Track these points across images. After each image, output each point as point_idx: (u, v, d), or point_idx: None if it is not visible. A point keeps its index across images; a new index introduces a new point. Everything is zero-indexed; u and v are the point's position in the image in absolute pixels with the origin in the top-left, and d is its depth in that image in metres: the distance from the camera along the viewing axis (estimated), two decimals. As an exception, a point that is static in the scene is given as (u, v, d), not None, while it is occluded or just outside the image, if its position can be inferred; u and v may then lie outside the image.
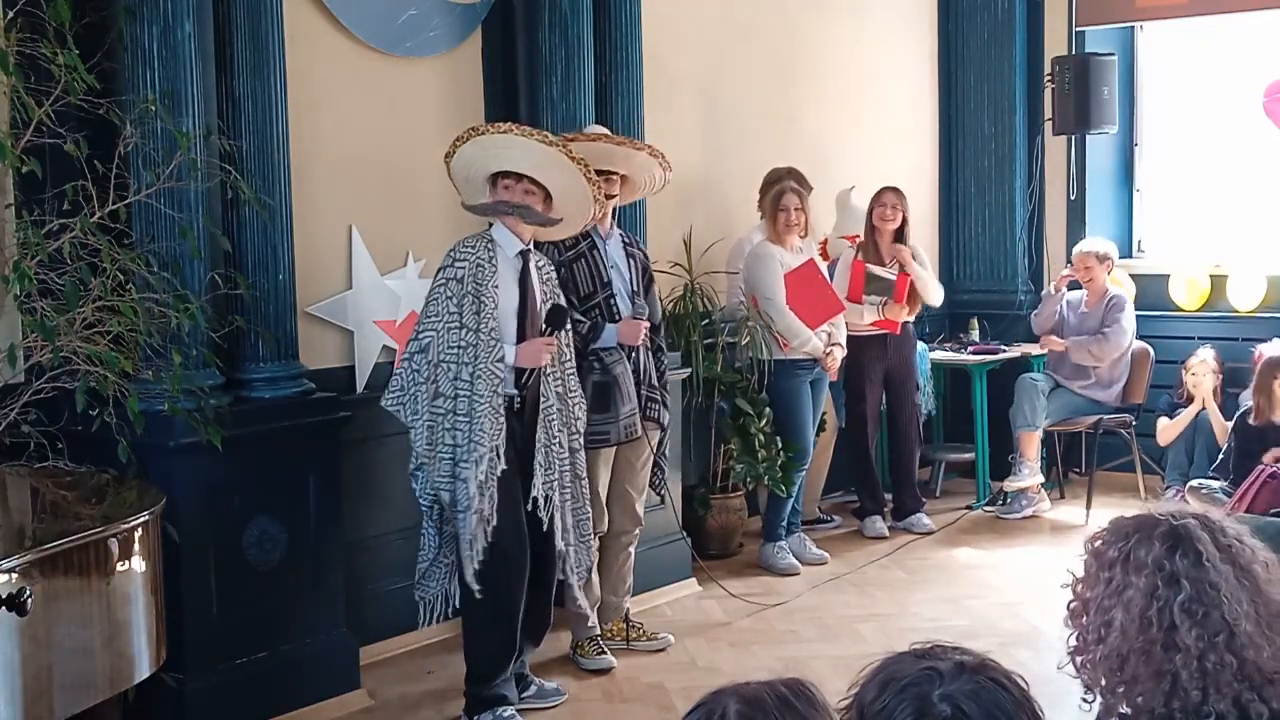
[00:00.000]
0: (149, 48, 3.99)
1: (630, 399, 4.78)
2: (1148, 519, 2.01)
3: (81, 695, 2.94)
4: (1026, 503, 6.91)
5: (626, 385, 4.77)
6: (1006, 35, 7.86)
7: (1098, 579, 1.99)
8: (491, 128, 4.31)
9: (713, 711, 1.46)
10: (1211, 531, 1.97)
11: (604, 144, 4.74)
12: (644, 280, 4.95)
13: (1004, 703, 1.50)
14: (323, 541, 4.42)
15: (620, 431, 4.77)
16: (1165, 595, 1.91)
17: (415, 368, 4.14)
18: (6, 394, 3.78)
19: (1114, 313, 6.96)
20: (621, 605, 5.05)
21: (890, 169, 7.19)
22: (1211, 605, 1.90)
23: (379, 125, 4.97)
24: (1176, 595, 1.91)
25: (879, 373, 6.63)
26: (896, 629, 5.17)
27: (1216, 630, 1.89)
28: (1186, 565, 1.92)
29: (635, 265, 4.92)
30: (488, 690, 4.27)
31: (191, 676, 4.04)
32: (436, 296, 4.16)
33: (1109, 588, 1.96)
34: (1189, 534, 1.95)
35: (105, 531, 3.04)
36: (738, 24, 6.59)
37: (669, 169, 4.92)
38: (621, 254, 4.88)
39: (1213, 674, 1.88)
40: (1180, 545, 1.94)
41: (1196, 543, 1.94)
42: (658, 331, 5.01)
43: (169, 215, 4.00)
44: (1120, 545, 1.99)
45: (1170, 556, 1.94)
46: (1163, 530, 1.97)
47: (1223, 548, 1.95)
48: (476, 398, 4.09)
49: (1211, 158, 7.75)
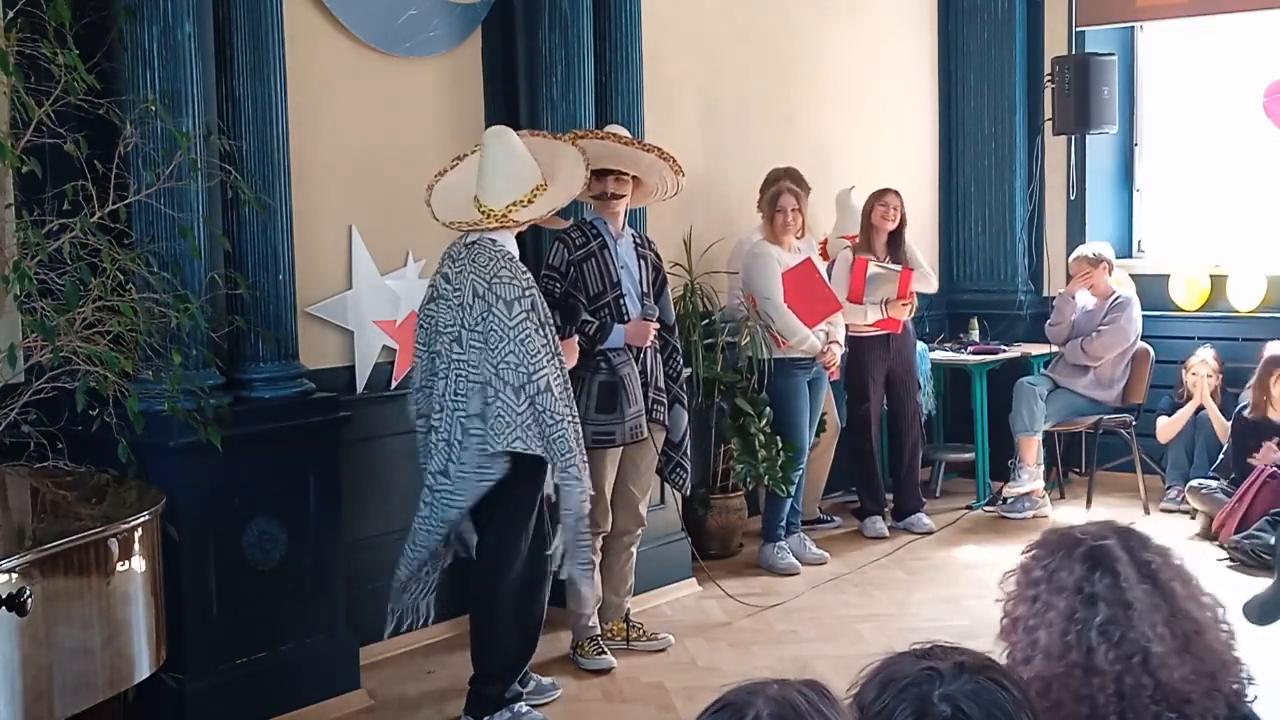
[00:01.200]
0: (149, 48, 3.99)
1: (637, 400, 4.78)
2: (1071, 537, 2.00)
3: (81, 695, 2.93)
4: (1029, 504, 6.91)
5: (633, 386, 4.77)
6: (1006, 35, 7.86)
7: (1024, 596, 1.99)
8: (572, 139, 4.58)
9: (742, 712, 1.44)
10: (1131, 550, 1.97)
11: (611, 143, 4.74)
12: (656, 281, 4.95)
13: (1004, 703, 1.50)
14: (323, 541, 4.42)
15: (626, 432, 4.77)
16: (1083, 618, 1.91)
17: (545, 407, 4.05)
18: (6, 394, 3.78)
19: (1114, 312, 6.95)
20: (622, 605, 5.05)
21: (890, 169, 7.20)
22: (1127, 627, 1.90)
23: (379, 125, 4.96)
24: (1094, 617, 1.91)
25: (881, 373, 6.64)
26: (896, 629, 5.17)
27: (1132, 652, 1.89)
28: (1104, 587, 1.92)
29: (647, 266, 4.91)
30: (499, 690, 4.28)
31: (191, 676, 4.03)
32: (527, 332, 4.05)
33: (1034, 607, 1.96)
34: (1107, 554, 1.95)
35: (105, 531, 3.04)
36: (738, 24, 6.59)
37: (681, 173, 4.90)
38: (633, 255, 4.88)
39: (1130, 696, 1.88)
40: (1099, 566, 1.94)
41: (1115, 563, 1.94)
42: (671, 332, 5.00)
43: (169, 215, 3.99)
44: (1046, 563, 1.98)
45: (1089, 577, 1.93)
46: (1083, 550, 1.96)
47: (1142, 565, 1.95)
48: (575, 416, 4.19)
49: (1211, 158, 7.75)
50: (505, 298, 4.05)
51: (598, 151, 4.60)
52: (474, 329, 4.07)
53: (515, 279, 4.08)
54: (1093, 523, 2.06)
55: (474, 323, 4.07)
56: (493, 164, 4.19)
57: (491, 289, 4.06)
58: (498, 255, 4.11)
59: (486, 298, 4.06)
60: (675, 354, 5.02)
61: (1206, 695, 1.90)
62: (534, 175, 4.20)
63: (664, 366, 4.96)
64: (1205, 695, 1.90)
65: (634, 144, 4.87)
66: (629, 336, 4.76)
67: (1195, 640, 1.93)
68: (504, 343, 4.03)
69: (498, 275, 4.07)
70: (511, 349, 4.03)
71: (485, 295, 4.06)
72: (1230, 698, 1.94)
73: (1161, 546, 2.01)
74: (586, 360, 4.66)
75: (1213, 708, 1.90)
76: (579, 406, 4.63)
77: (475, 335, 4.07)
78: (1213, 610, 2.00)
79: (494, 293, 4.05)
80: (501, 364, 4.04)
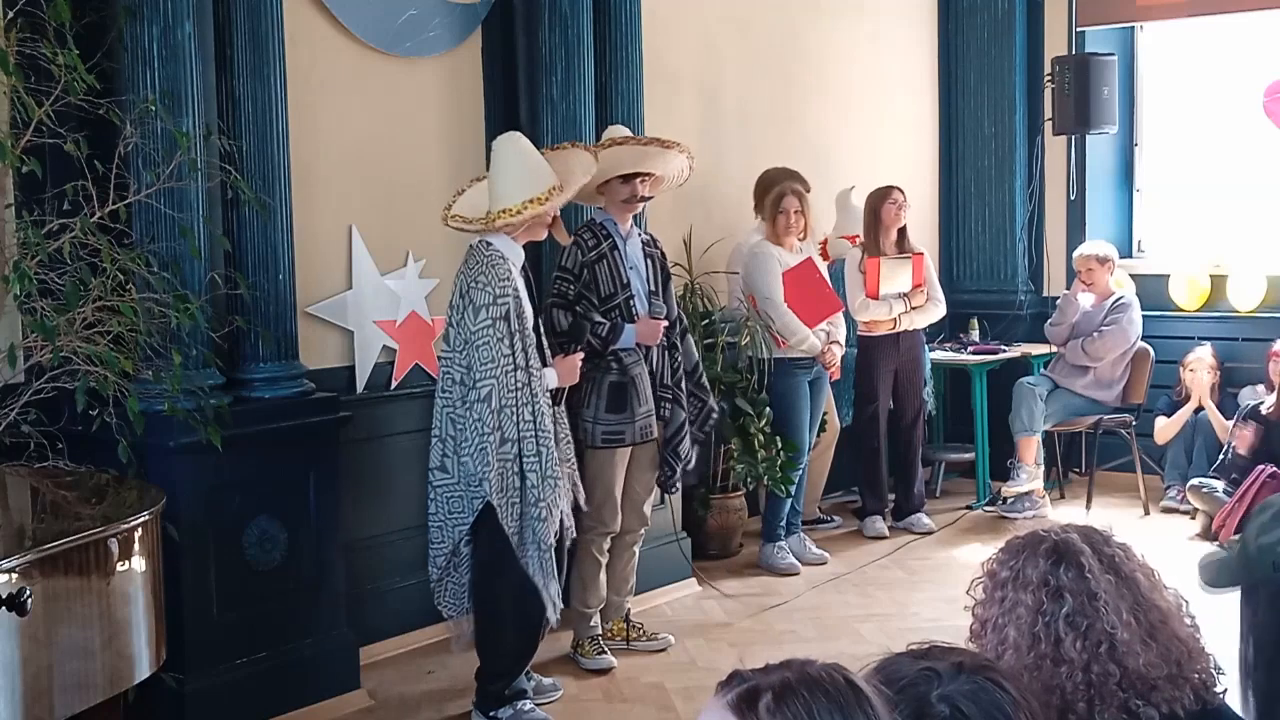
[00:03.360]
0: (149, 48, 3.99)
1: (647, 400, 4.79)
2: (1034, 536, 2.05)
3: (81, 695, 2.93)
4: (1029, 504, 6.91)
5: (643, 387, 4.78)
6: (1006, 35, 7.85)
7: (992, 599, 2.03)
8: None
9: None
10: (1094, 544, 2.02)
11: (639, 148, 4.74)
12: (661, 278, 4.94)
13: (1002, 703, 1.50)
14: (323, 541, 4.42)
15: (636, 433, 4.78)
16: (1051, 610, 1.96)
17: (479, 417, 4.09)
18: (6, 394, 3.78)
19: (1116, 314, 6.95)
20: (622, 605, 5.05)
21: (890, 169, 7.19)
22: (1093, 616, 1.94)
23: (379, 125, 4.97)
24: (1061, 609, 1.96)
25: (890, 373, 6.65)
26: (896, 629, 5.17)
27: (1099, 641, 1.93)
28: (1070, 579, 1.97)
29: (654, 265, 4.92)
30: (503, 686, 4.30)
31: (191, 676, 4.04)
32: (486, 340, 4.11)
33: (1002, 606, 2.01)
34: (1071, 547, 2.00)
35: (105, 531, 3.03)
36: (738, 24, 6.59)
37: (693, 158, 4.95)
38: (640, 254, 4.89)
39: (1097, 684, 1.92)
40: (1064, 559, 1.99)
41: (1079, 555, 1.99)
42: (673, 328, 4.99)
43: (169, 215, 3.99)
44: (1011, 564, 2.03)
45: (1055, 571, 1.98)
46: (1047, 546, 2.01)
47: (1105, 558, 2.00)
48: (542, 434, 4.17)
49: (1211, 158, 7.75)
50: (475, 303, 4.14)
51: (627, 157, 4.67)
52: (455, 325, 4.21)
53: (490, 286, 4.14)
54: (1050, 522, 2.10)
55: (456, 320, 4.21)
56: (509, 166, 4.24)
57: (469, 292, 4.17)
58: (484, 259, 4.20)
59: (464, 299, 4.18)
60: (677, 349, 4.99)
61: (1172, 683, 1.94)
62: (549, 176, 4.26)
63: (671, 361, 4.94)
64: (1171, 683, 1.94)
65: (659, 144, 4.84)
66: (640, 335, 4.77)
67: (1160, 629, 1.97)
68: (466, 345, 4.14)
69: (475, 280, 4.17)
70: (466, 352, 4.14)
71: (465, 295, 4.19)
72: (1198, 688, 1.97)
73: (1123, 543, 2.07)
74: (598, 361, 4.68)
75: (1180, 696, 1.94)
76: (590, 407, 4.67)
77: (455, 333, 4.21)
78: (1177, 601, 2.05)
79: (469, 296, 4.17)
80: (456, 362, 4.17)
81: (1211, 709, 1.99)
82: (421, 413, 4.76)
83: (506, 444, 4.12)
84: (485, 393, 4.09)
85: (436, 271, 5.06)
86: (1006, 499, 6.95)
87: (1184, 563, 2.64)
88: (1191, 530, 6.56)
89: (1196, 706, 1.95)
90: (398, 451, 4.93)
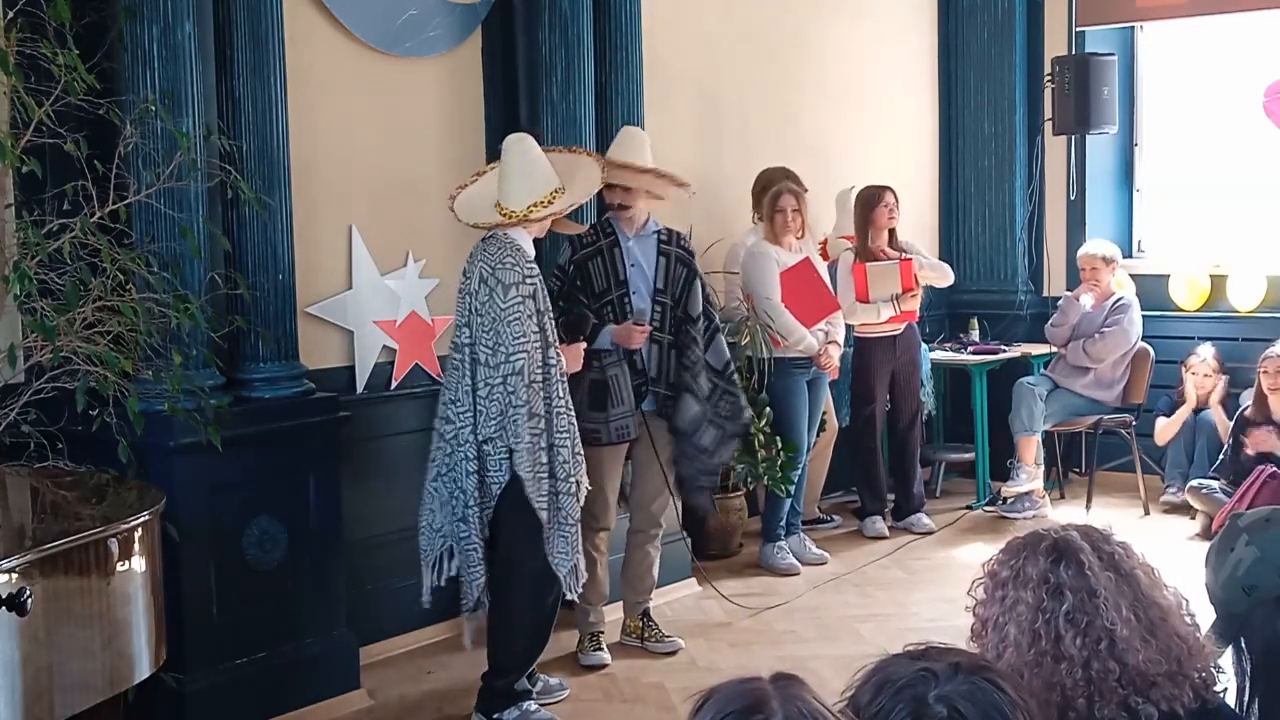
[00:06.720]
0: (149, 48, 3.99)
1: (623, 401, 4.79)
2: (1034, 536, 2.07)
3: (81, 695, 2.93)
4: (1029, 504, 6.91)
5: (620, 388, 4.78)
6: (1006, 35, 7.85)
7: (993, 599, 2.04)
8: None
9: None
10: (1094, 542, 2.03)
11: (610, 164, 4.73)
12: (679, 275, 4.90)
13: (1000, 703, 1.50)
14: (323, 541, 4.42)
15: (611, 432, 4.78)
16: (1051, 607, 1.97)
17: (511, 389, 4.10)
18: (6, 394, 3.78)
19: (1116, 314, 6.96)
20: (639, 603, 5.08)
21: (890, 169, 7.19)
22: (1093, 613, 1.96)
23: (379, 125, 4.97)
24: (1061, 606, 1.97)
25: (887, 373, 6.65)
26: (896, 629, 5.16)
27: (1098, 637, 1.94)
28: (1070, 576, 1.99)
29: (669, 262, 4.89)
30: (509, 684, 4.30)
31: (191, 676, 4.04)
32: (517, 315, 4.12)
33: (1003, 605, 2.02)
34: (1071, 545, 2.01)
35: (105, 531, 3.04)
36: (738, 24, 6.59)
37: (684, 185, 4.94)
38: (651, 252, 4.88)
39: (1097, 681, 1.93)
40: (1064, 557, 2.00)
41: (1079, 553, 2.00)
42: (695, 323, 4.91)
43: (169, 215, 4.00)
44: (1011, 564, 2.04)
45: (1055, 569, 2.00)
46: (1047, 544, 2.03)
47: (1105, 556, 2.02)
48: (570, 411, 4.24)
49: (1211, 158, 7.75)
50: (505, 281, 4.15)
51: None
52: (479, 312, 4.18)
53: (518, 266, 4.17)
54: (1049, 521, 2.11)
55: (480, 306, 4.19)
56: (513, 168, 4.27)
57: (495, 274, 4.17)
58: (507, 245, 4.21)
59: (489, 282, 4.17)
60: (694, 345, 4.92)
61: (1172, 680, 1.95)
62: (552, 179, 4.29)
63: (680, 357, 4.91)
64: (1171, 680, 1.95)
65: (629, 168, 4.82)
66: (615, 337, 4.77)
67: (1160, 626, 1.98)
68: (495, 323, 4.14)
69: (502, 262, 4.17)
70: (497, 329, 4.13)
71: (488, 279, 4.17)
72: (1198, 686, 1.98)
73: (1122, 541, 2.08)
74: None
75: (1179, 694, 1.95)
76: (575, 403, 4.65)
77: (481, 319, 4.18)
78: (1177, 599, 2.06)
79: (496, 277, 4.16)
80: (481, 345, 4.15)
81: (1211, 708, 1.99)
82: (422, 412, 4.76)
83: (534, 419, 4.13)
84: (519, 365, 4.10)
85: (436, 271, 5.06)
86: (1006, 499, 6.95)
87: (1184, 563, 2.64)
88: (1191, 530, 6.56)
89: (1196, 704, 1.96)
90: (398, 451, 4.93)
